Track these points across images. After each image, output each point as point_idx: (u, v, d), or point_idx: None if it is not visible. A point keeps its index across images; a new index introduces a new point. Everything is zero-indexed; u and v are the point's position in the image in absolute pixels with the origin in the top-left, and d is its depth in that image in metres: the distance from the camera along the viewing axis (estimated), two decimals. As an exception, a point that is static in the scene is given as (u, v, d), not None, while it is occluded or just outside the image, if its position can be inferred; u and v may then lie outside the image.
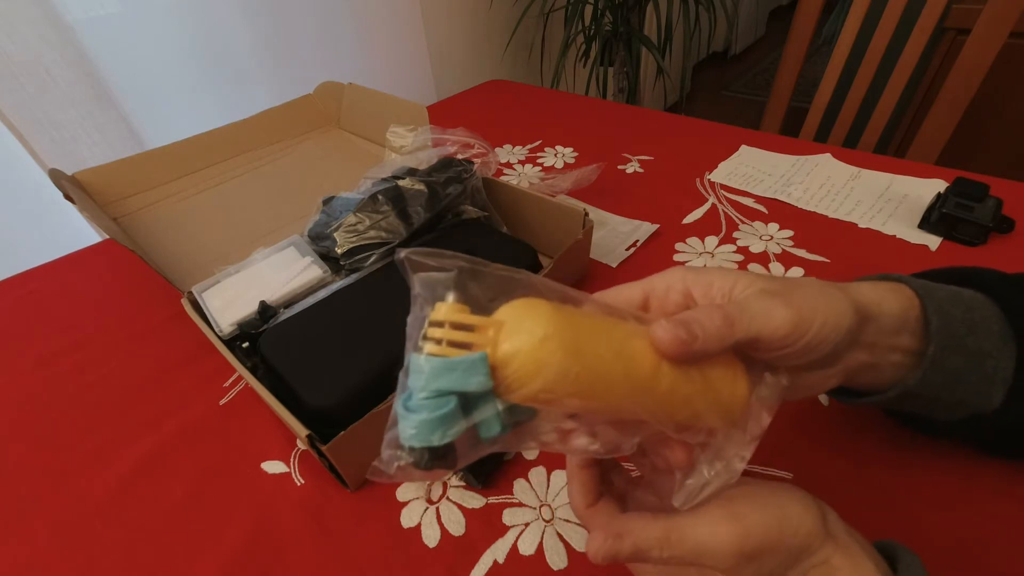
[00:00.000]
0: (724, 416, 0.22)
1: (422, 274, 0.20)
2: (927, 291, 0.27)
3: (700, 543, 0.22)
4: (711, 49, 2.81)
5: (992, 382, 0.27)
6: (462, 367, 0.18)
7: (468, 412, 0.18)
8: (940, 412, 0.29)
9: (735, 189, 0.66)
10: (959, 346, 0.27)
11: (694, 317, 0.21)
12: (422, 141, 0.60)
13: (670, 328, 0.20)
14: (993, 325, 0.27)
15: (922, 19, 0.83)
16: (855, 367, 0.26)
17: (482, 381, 0.18)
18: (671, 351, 0.20)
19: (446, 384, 0.18)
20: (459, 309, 0.19)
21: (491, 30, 1.43)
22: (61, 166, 0.65)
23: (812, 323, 0.22)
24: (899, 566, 0.22)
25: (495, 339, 0.19)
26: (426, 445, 0.18)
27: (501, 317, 0.19)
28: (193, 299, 0.48)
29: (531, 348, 0.18)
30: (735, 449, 0.23)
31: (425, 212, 0.50)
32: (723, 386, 0.22)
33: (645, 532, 0.23)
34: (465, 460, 0.19)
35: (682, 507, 0.22)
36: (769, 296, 0.23)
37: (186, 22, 0.86)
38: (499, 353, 0.18)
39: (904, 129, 1.27)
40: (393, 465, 0.19)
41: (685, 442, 0.23)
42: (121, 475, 0.41)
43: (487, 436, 0.19)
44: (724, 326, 0.21)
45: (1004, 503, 0.33)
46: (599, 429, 0.22)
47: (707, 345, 0.21)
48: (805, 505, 0.23)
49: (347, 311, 0.44)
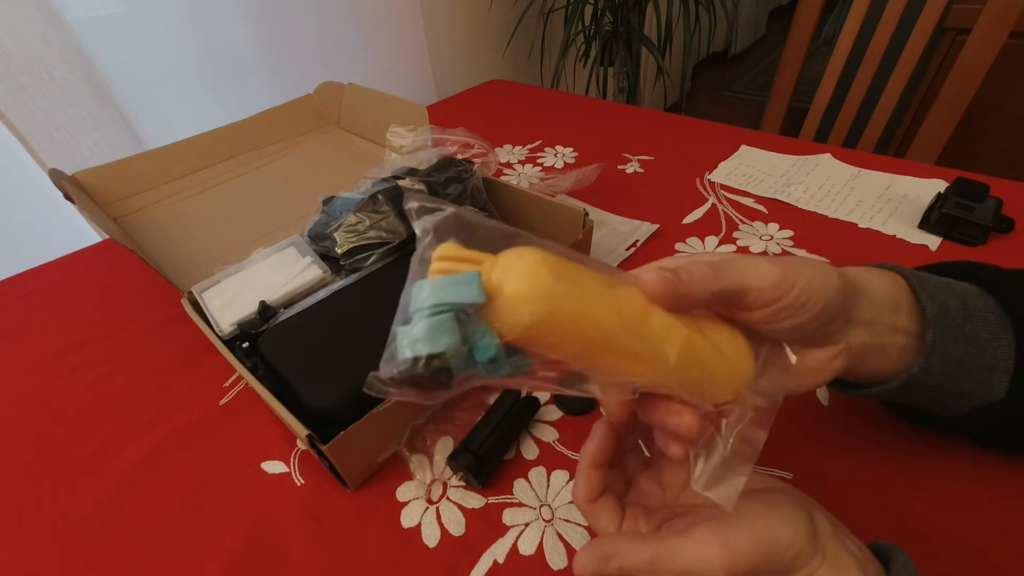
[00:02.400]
0: (729, 371, 0.22)
1: (427, 217, 0.21)
2: (919, 280, 0.28)
3: (687, 567, 0.22)
4: (711, 49, 2.81)
5: (994, 371, 0.27)
6: (458, 281, 0.19)
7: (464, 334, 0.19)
8: (945, 405, 0.29)
9: (735, 189, 0.66)
10: (958, 334, 0.27)
11: (681, 265, 0.22)
12: (422, 141, 0.60)
13: (656, 270, 0.21)
14: (990, 315, 0.27)
15: (922, 19, 0.83)
16: (859, 348, 0.26)
17: (476, 293, 0.18)
18: (657, 291, 0.21)
19: (443, 297, 0.18)
20: (460, 247, 0.20)
21: (491, 30, 1.43)
22: (61, 166, 0.65)
23: (797, 279, 0.23)
24: (891, 567, 0.22)
25: (491, 268, 0.19)
26: (421, 354, 0.18)
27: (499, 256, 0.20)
28: (193, 299, 0.48)
29: (523, 273, 0.19)
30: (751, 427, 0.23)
31: (425, 212, 0.50)
32: (720, 339, 0.22)
33: (633, 555, 0.23)
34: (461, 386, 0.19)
35: (703, 490, 0.22)
36: (755, 257, 0.23)
37: (186, 22, 0.86)
38: (493, 278, 0.19)
39: (904, 129, 1.27)
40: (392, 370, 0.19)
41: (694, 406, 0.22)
42: (121, 475, 0.41)
43: (482, 359, 0.19)
44: (710, 272, 0.22)
45: (1004, 503, 0.33)
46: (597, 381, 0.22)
47: (694, 287, 0.21)
48: (796, 526, 0.23)
49: (347, 311, 0.44)
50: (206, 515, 0.38)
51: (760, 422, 0.23)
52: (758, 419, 0.23)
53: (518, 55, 1.57)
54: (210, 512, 0.38)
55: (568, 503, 0.36)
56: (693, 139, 0.79)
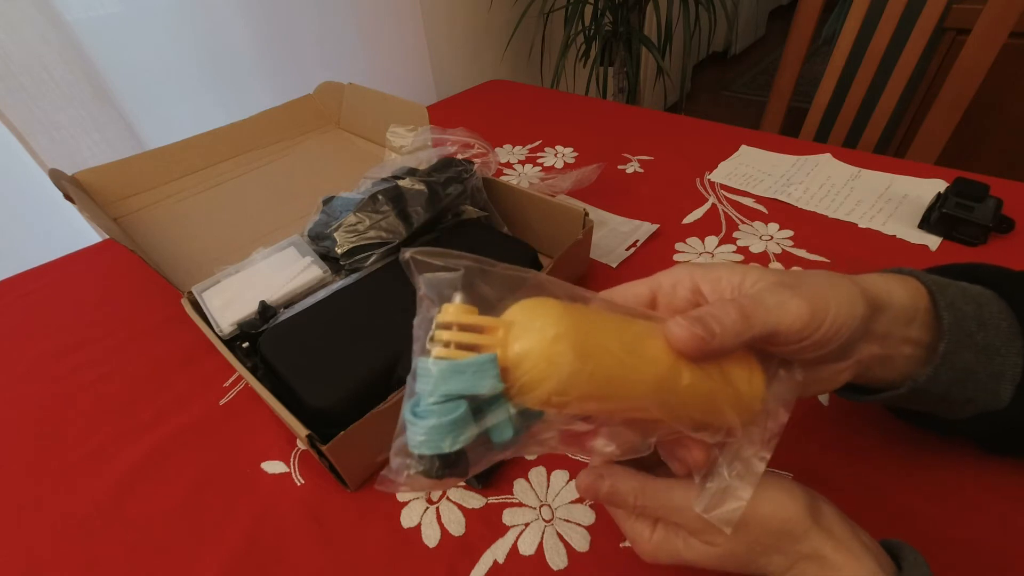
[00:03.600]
0: (742, 411, 0.22)
1: (428, 274, 0.19)
2: (939, 286, 0.27)
3: (673, 500, 0.23)
4: (711, 49, 2.81)
5: (1001, 379, 0.27)
6: (471, 369, 0.17)
7: (479, 417, 0.18)
8: (949, 410, 0.29)
9: (735, 189, 0.66)
10: (969, 343, 0.27)
11: (710, 313, 0.21)
12: (422, 141, 0.60)
13: (687, 325, 0.20)
14: (1002, 322, 0.27)
15: (922, 19, 0.83)
16: (868, 360, 0.26)
17: (493, 384, 0.17)
18: (688, 348, 0.20)
19: (455, 387, 0.17)
20: (467, 310, 0.18)
21: (491, 30, 1.43)
22: (61, 166, 0.65)
23: (827, 313, 0.22)
24: (903, 564, 0.22)
25: (505, 340, 0.18)
26: (437, 452, 0.17)
27: (510, 317, 0.19)
28: (193, 299, 0.48)
29: (542, 348, 0.18)
30: (754, 449, 0.23)
31: (425, 212, 0.50)
32: (740, 381, 0.22)
33: (623, 480, 0.24)
34: (477, 467, 0.19)
35: (704, 512, 0.22)
36: (782, 289, 0.22)
37: (186, 22, 0.86)
38: (510, 354, 0.18)
39: (904, 129, 1.27)
40: (403, 474, 0.18)
41: (703, 441, 0.22)
42: (121, 475, 0.41)
43: (500, 440, 0.18)
44: (740, 320, 0.21)
45: (1005, 503, 0.33)
46: (613, 430, 0.21)
47: (725, 341, 0.20)
48: (790, 493, 0.23)
49: (347, 311, 0.44)
50: (206, 515, 0.38)
51: (763, 444, 0.23)
52: (760, 442, 0.23)
53: (518, 55, 1.57)
54: (210, 512, 0.38)
55: (568, 503, 0.36)
56: (693, 139, 0.79)
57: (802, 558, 0.22)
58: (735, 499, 0.22)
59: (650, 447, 0.22)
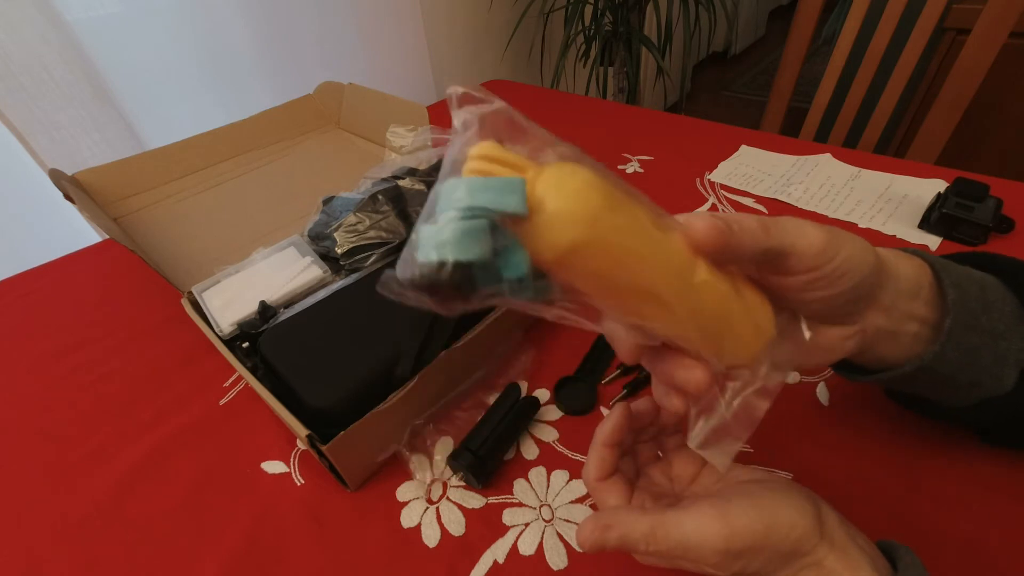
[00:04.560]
0: (753, 334, 0.21)
1: (468, 107, 0.18)
2: (943, 266, 0.27)
3: (686, 539, 0.23)
4: (711, 49, 2.80)
5: (1005, 363, 0.27)
6: (498, 185, 0.16)
7: (495, 244, 0.17)
8: (953, 395, 0.29)
9: (735, 189, 0.66)
10: (975, 323, 0.26)
11: (732, 216, 0.21)
12: (422, 141, 0.60)
13: (708, 218, 0.20)
14: (1006, 307, 0.27)
15: (922, 19, 0.83)
16: (873, 333, 0.26)
17: (517, 202, 0.16)
18: (707, 239, 0.20)
19: (480, 201, 0.16)
20: (501, 148, 0.18)
21: (491, 30, 1.43)
22: (61, 166, 0.65)
23: (841, 248, 0.22)
24: (899, 566, 0.22)
25: (535, 178, 0.17)
26: (449, 259, 0.16)
27: (545, 167, 0.18)
28: (193, 299, 0.48)
29: (573, 186, 0.17)
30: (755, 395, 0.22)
31: (425, 212, 0.50)
32: (752, 303, 0.21)
33: (632, 526, 0.23)
34: (481, 300, 0.17)
35: (699, 448, 0.22)
36: (802, 219, 0.23)
37: (186, 22, 0.86)
38: (537, 191, 0.17)
39: (904, 129, 1.27)
40: (412, 271, 0.17)
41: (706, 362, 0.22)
42: (121, 475, 0.41)
43: (511, 275, 0.17)
44: (760, 229, 0.21)
45: (1005, 502, 0.33)
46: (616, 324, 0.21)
47: (743, 240, 0.20)
48: (800, 509, 0.23)
49: (347, 311, 0.44)
50: (206, 515, 0.38)
51: (764, 393, 0.23)
52: (763, 390, 0.23)
53: (518, 55, 1.57)
54: (210, 512, 0.38)
55: (568, 503, 0.36)
56: (693, 139, 0.79)
57: (804, 568, 0.23)
58: (732, 439, 0.22)
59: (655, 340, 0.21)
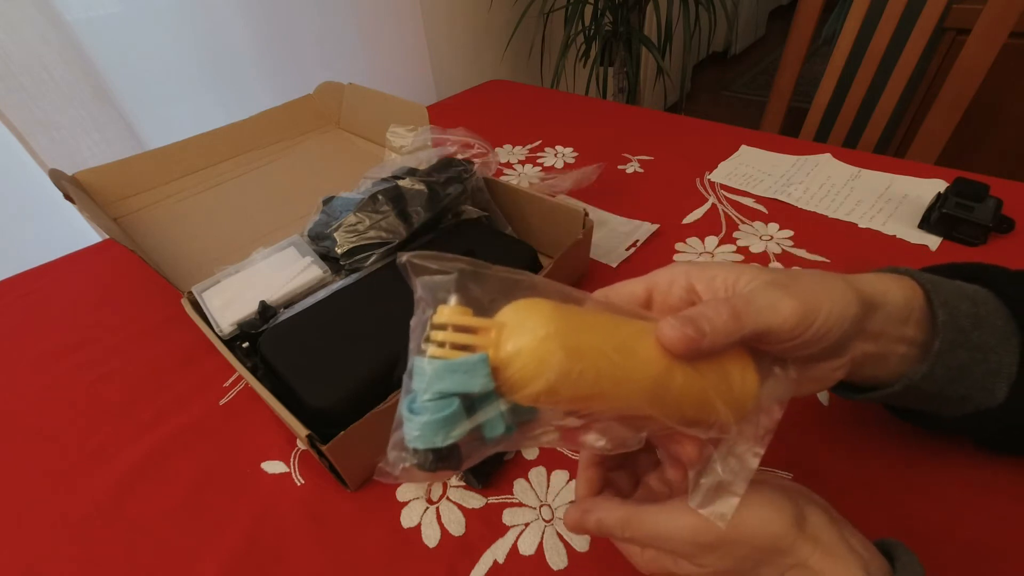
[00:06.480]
0: (735, 409, 0.22)
1: (424, 278, 0.20)
2: (934, 285, 0.27)
3: (657, 528, 0.24)
4: (711, 49, 2.81)
5: (996, 377, 0.27)
6: (464, 368, 0.18)
7: (472, 413, 0.19)
8: (944, 407, 0.29)
9: (735, 189, 0.66)
10: (964, 341, 0.27)
11: (701, 313, 0.21)
12: (422, 141, 0.60)
13: (678, 326, 0.20)
14: (997, 321, 0.27)
15: (922, 19, 0.83)
16: (861, 358, 0.26)
17: (484, 382, 0.18)
18: (679, 349, 0.20)
19: (448, 386, 0.18)
20: (461, 312, 0.19)
21: (491, 30, 1.43)
22: (61, 166, 0.65)
23: (818, 313, 0.22)
24: (897, 565, 0.22)
25: (497, 340, 0.19)
26: (430, 447, 0.18)
27: (503, 319, 0.19)
28: (193, 299, 0.48)
29: (532, 347, 0.18)
30: (748, 445, 0.23)
31: (425, 212, 0.50)
32: (733, 378, 0.22)
33: (610, 512, 0.25)
34: (470, 460, 0.19)
35: (699, 508, 0.22)
36: (774, 288, 0.23)
37: (186, 22, 0.86)
38: (501, 353, 0.18)
39: (904, 129, 1.27)
40: (398, 467, 0.19)
41: (695, 437, 0.22)
42: (121, 475, 0.41)
43: (491, 436, 0.19)
44: (732, 320, 0.21)
45: (1005, 502, 0.33)
46: (605, 426, 0.22)
47: (715, 341, 0.20)
48: (776, 506, 0.23)
49: (347, 311, 0.44)
50: (206, 515, 0.38)
51: (756, 440, 0.23)
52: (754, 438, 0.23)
53: (518, 55, 1.57)
54: (210, 512, 0.38)
55: (569, 503, 0.36)
56: (693, 139, 0.79)
57: (788, 568, 0.23)
58: (730, 494, 0.22)
59: (641, 441, 0.22)
